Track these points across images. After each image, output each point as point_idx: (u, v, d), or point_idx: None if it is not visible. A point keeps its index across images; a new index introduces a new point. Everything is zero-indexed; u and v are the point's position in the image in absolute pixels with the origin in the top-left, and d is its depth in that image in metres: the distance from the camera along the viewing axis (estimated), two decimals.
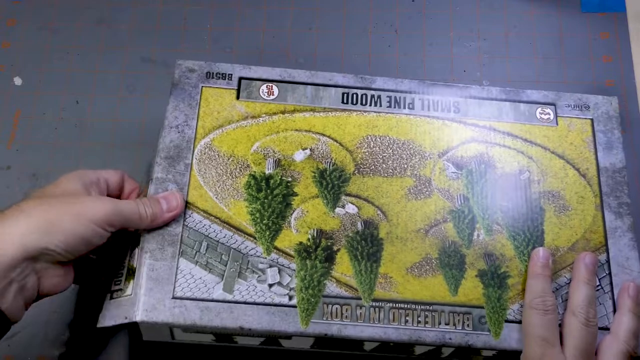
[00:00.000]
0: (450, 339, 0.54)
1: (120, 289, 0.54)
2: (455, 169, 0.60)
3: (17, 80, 0.73)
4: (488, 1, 0.77)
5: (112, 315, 0.53)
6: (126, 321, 0.52)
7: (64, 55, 0.75)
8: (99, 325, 0.53)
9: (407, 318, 0.54)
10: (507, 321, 0.55)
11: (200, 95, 0.61)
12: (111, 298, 0.54)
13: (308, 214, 0.57)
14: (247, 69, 0.62)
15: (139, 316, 0.52)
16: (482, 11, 0.76)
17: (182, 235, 0.55)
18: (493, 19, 0.76)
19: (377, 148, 0.60)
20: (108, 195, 0.56)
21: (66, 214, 0.50)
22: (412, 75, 0.72)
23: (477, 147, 0.61)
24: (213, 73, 0.62)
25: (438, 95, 0.62)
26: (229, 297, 0.54)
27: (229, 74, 0.62)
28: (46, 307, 0.61)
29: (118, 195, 0.58)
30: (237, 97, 0.61)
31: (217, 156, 0.59)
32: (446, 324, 0.54)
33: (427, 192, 0.59)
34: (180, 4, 0.77)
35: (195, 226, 0.56)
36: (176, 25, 0.76)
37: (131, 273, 0.54)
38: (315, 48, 0.75)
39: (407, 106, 0.62)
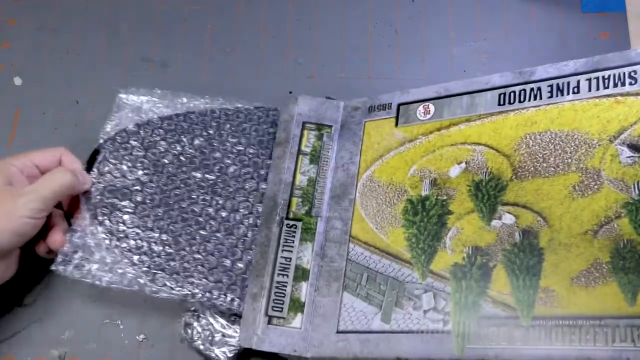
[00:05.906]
0: (628, 358, 0.45)
1: (283, 318, 0.57)
2: (630, 152, 0.50)
3: (17, 80, 0.73)
4: (488, 1, 0.75)
5: (273, 343, 0.56)
6: (294, 354, 0.56)
7: (64, 55, 0.75)
8: (254, 347, 0.55)
9: (572, 337, 0.47)
10: None
11: (363, 131, 0.62)
12: (269, 323, 0.57)
13: (463, 232, 0.54)
14: (405, 94, 0.62)
15: (310, 352, 0.56)
16: (482, 11, 0.74)
17: (345, 269, 0.58)
18: (493, 19, 0.74)
19: (536, 147, 0.54)
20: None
21: None
22: (411, 75, 0.71)
23: None
24: (375, 106, 0.63)
25: (609, 69, 0.53)
26: (387, 327, 0.54)
27: (388, 104, 0.62)
28: (41, 308, 0.64)
29: None
30: (396, 125, 0.61)
31: (377, 187, 0.60)
32: (622, 341, 0.46)
33: (595, 186, 0.51)
34: (180, 4, 0.77)
35: (357, 259, 0.58)
36: (176, 25, 0.76)
37: (297, 305, 0.57)
38: (315, 48, 0.73)
39: (571, 91, 0.54)
